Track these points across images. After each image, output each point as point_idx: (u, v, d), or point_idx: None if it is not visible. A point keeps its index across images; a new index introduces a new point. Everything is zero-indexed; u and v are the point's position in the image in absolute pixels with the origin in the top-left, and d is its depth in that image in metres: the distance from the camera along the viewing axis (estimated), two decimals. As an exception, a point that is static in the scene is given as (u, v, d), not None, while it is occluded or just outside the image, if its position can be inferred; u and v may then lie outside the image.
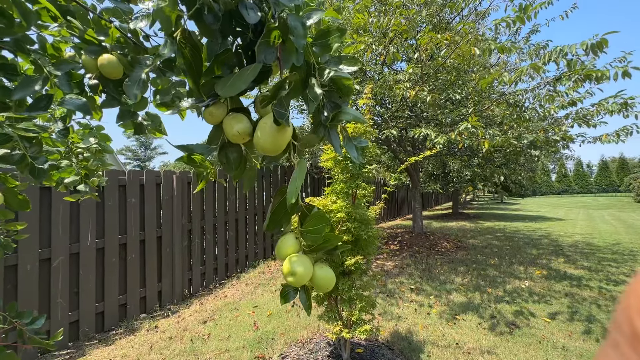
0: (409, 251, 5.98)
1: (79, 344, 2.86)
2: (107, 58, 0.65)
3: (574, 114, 3.97)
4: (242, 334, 2.97)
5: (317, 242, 0.58)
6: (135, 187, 3.48)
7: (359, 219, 2.28)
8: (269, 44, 0.48)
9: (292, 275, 0.56)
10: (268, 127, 0.53)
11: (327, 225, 0.55)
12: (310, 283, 0.60)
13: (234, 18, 0.49)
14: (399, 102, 4.91)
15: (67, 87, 0.56)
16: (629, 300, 0.24)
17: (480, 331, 2.97)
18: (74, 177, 1.28)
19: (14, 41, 0.56)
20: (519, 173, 10.95)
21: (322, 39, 0.56)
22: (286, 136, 0.55)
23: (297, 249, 0.60)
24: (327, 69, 0.55)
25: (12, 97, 0.52)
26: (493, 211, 15.86)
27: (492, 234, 8.24)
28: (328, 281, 0.61)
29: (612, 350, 0.24)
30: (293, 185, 0.50)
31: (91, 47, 0.64)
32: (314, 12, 0.53)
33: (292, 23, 0.47)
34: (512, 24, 3.42)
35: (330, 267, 0.62)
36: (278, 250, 0.61)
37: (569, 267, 4.99)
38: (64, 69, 0.56)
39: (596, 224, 10.66)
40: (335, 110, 0.55)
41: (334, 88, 0.56)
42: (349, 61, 0.58)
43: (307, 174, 6.72)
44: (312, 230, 0.57)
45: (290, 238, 0.61)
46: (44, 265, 2.78)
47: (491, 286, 4.15)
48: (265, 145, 0.54)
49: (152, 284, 3.55)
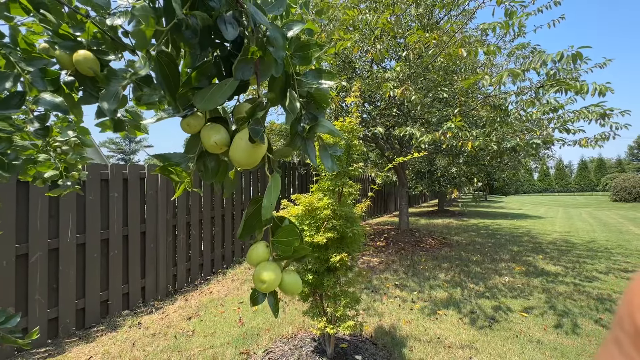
0: (394, 247, 6.07)
1: (58, 341, 2.80)
2: (83, 54, 0.63)
3: (556, 119, 4.10)
4: (227, 330, 2.97)
5: (286, 253, 0.60)
6: (118, 182, 3.40)
7: (345, 217, 2.30)
8: (247, 60, 0.49)
9: (262, 282, 0.59)
10: (243, 143, 0.53)
11: (298, 239, 0.57)
12: (279, 288, 0.64)
13: (213, 31, 0.49)
14: (387, 100, 4.95)
15: (41, 85, 0.55)
16: (631, 297, 0.24)
17: (461, 326, 3.06)
18: (52, 172, 1.25)
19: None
20: (503, 171, 11.23)
21: (302, 51, 0.56)
22: (261, 151, 0.56)
23: (267, 257, 0.63)
24: (306, 82, 0.55)
25: (-19, 94, 0.50)
26: (478, 209, 16.24)
27: (476, 231, 8.45)
28: (295, 287, 0.65)
29: (614, 347, 0.24)
30: (268, 200, 0.51)
31: (66, 42, 0.62)
32: (294, 24, 0.53)
33: (272, 34, 0.47)
34: (499, 28, 3.49)
35: (297, 273, 0.66)
36: (249, 257, 0.63)
37: (546, 264, 5.17)
38: (37, 65, 0.55)
39: (574, 222, 11.06)
40: (313, 122, 0.56)
41: (311, 100, 0.57)
42: (327, 75, 0.59)
43: (294, 171, 6.71)
44: (283, 241, 0.59)
45: (261, 246, 0.63)
46: (21, 261, 2.69)
47: (473, 282, 4.27)
48: (240, 160, 0.55)
49: (135, 280, 3.50)
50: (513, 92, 4.14)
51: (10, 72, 0.52)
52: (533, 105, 3.70)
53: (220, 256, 4.67)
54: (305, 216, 2.31)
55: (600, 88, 3.07)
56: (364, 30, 4.23)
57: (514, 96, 4.07)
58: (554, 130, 4.21)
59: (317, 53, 0.55)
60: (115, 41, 0.67)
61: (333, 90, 4.70)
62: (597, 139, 3.88)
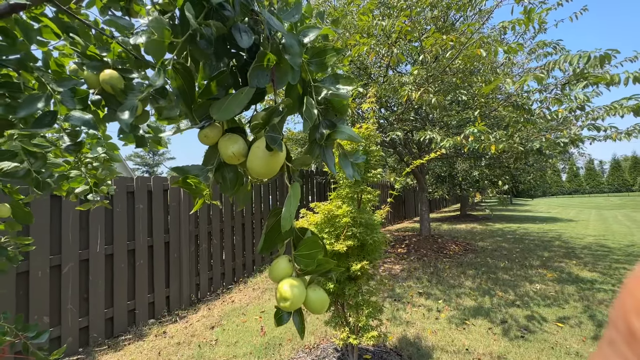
0: (416, 254, 5.92)
1: (88, 349, 2.89)
2: (109, 73, 0.66)
3: (584, 117, 3.90)
4: (249, 339, 2.97)
5: (310, 267, 0.57)
6: (143, 194, 3.52)
7: (365, 224, 2.27)
8: (263, 67, 0.48)
9: (286, 300, 0.56)
10: (260, 151, 0.52)
11: (321, 251, 0.54)
12: (303, 306, 0.60)
13: (228, 41, 0.49)
14: (404, 104, 4.89)
15: (71, 103, 0.57)
16: (624, 298, 0.24)
17: (491, 336, 2.91)
18: (83, 187, 1.30)
19: (17, 59, 0.57)
20: (529, 173, 10.77)
21: (319, 57, 0.55)
22: (279, 160, 0.55)
23: (290, 272, 0.60)
24: (324, 88, 0.54)
25: (17, 115, 0.53)
26: (502, 212, 15.63)
27: (502, 236, 8.12)
28: (321, 304, 0.61)
29: (608, 347, 0.24)
30: (287, 211, 0.49)
31: (93, 63, 0.65)
32: (310, 30, 0.52)
33: (288, 41, 0.47)
34: (518, 25, 3.39)
35: (323, 289, 0.62)
36: (271, 272, 0.61)
37: (581, 270, 4.87)
38: (66, 86, 0.57)
39: (609, 225, 10.41)
40: (331, 128, 0.54)
41: (329, 106, 0.56)
42: (345, 80, 0.57)
43: (312, 179, 6.72)
44: (305, 255, 0.56)
45: (284, 261, 0.60)
46: (55, 272, 2.82)
47: (501, 290, 4.08)
48: (258, 169, 0.54)
49: (160, 289, 3.58)
50: (536, 90, 3.98)
51: (42, 94, 0.55)
52: (559, 103, 3.54)
53: (241, 265, 4.72)
54: (324, 224, 2.30)
55: (635, 75, 2.87)
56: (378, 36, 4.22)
57: (537, 94, 3.92)
58: (583, 128, 4.00)
59: (334, 58, 0.54)
60: (139, 59, 0.70)
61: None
62: (630, 132, 3.65)
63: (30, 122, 0.60)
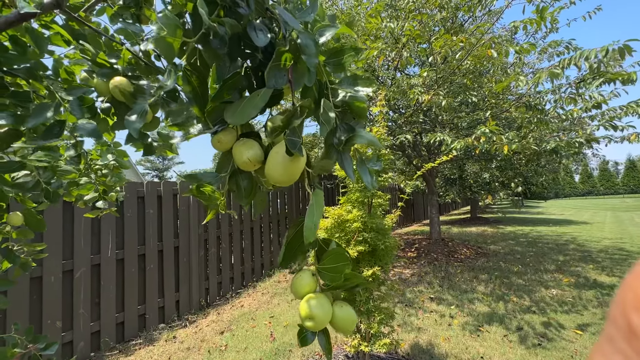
0: (427, 258, 5.83)
1: (100, 354, 2.90)
2: (119, 80, 0.65)
3: (600, 116, 3.79)
4: (259, 345, 2.95)
5: (336, 282, 0.53)
6: (153, 199, 3.54)
7: (376, 229, 2.23)
8: (280, 67, 0.46)
9: (311, 319, 0.51)
10: (280, 157, 0.49)
11: (348, 265, 0.50)
12: (329, 325, 0.55)
13: (242, 40, 0.47)
14: (412, 106, 4.84)
15: (79, 112, 0.56)
16: (623, 294, 0.24)
17: (507, 344, 2.83)
18: (92, 194, 1.31)
19: (27, 68, 0.56)
20: (541, 174, 10.54)
21: (335, 57, 0.53)
22: (300, 165, 0.51)
23: (314, 287, 0.56)
24: (341, 90, 0.51)
25: (26, 125, 0.52)
26: (514, 215, 15.33)
27: (515, 240, 7.94)
28: (349, 323, 0.56)
29: (607, 344, 0.24)
30: (310, 221, 0.46)
31: (103, 70, 0.64)
32: (327, 29, 0.50)
33: (304, 41, 0.44)
34: (529, 25, 3.32)
35: (350, 306, 0.56)
36: (294, 288, 0.56)
37: (599, 275, 4.72)
38: (75, 94, 0.56)
39: (626, 227, 10.11)
40: (349, 133, 0.51)
41: (347, 109, 0.53)
42: (364, 82, 0.54)
43: (320, 183, 6.70)
44: (330, 268, 0.52)
45: (307, 275, 0.56)
46: (67, 277, 2.85)
47: (516, 295, 3.97)
48: (277, 176, 0.51)
49: (170, 293, 3.59)
50: (549, 91, 3.89)
51: (51, 103, 0.53)
52: (574, 102, 3.44)
53: (250, 269, 4.71)
54: (334, 229, 2.27)
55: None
56: (386, 39, 4.19)
57: (550, 94, 3.82)
58: (599, 127, 3.89)
59: (352, 58, 0.52)
60: (149, 65, 0.69)
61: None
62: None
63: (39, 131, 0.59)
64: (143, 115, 0.44)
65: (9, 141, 0.57)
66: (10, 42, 0.58)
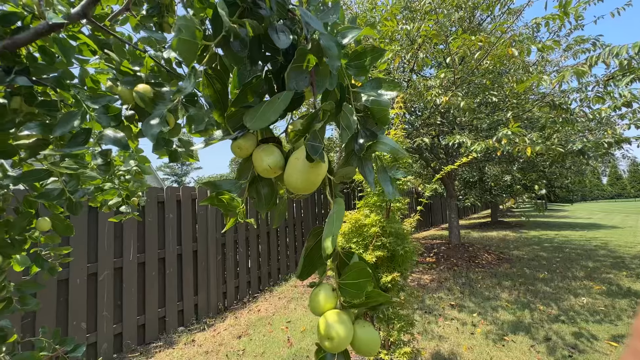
0: (446, 264, 5.67)
1: (122, 355, 2.97)
2: (142, 88, 0.65)
3: (630, 115, 3.59)
4: (276, 350, 2.93)
5: (357, 299, 0.48)
6: (172, 203, 3.62)
7: (395, 234, 2.18)
8: (301, 69, 0.44)
9: (330, 340, 0.47)
10: (300, 163, 0.47)
11: (371, 281, 0.45)
12: (350, 346, 0.50)
13: (263, 42, 0.46)
14: (430, 109, 4.75)
15: (105, 121, 0.57)
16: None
17: (534, 355, 2.69)
18: (116, 199, 1.34)
19: (55, 78, 0.57)
20: (566, 177, 10.11)
21: (358, 59, 0.51)
22: (321, 172, 0.49)
23: (333, 304, 0.51)
24: (364, 94, 0.49)
25: (53, 134, 0.53)
26: (537, 219, 14.74)
27: (539, 245, 7.62)
28: (372, 346, 0.50)
29: (632, 358, 0.24)
30: (330, 231, 0.43)
31: (127, 78, 0.65)
32: (349, 31, 0.48)
33: (326, 43, 0.43)
34: (552, 21, 3.21)
35: (372, 325, 0.52)
36: (312, 304, 0.52)
37: (633, 282, 4.44)
38: (101, 102, 0.57)
39: (662, 232, 9.52)
40: (371, 139, 0.49)
41: (369, 114, 0.50)
42: (388, 85, 0.51)
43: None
44: (352, 284, 0.47)
45: (326, 290, 0.52)
46: (91, 280, 2.94)
47: (543, 303, 3.79)
48: (297, 184, 0.48)
49: (189, 297, 3.64)
50: (575, 89, 3.73)
51: (78, 111, 0.54)
52: (602, 101, 3.28)
53: (266, 273, 4.72)
54: (352, 234, 2.23)
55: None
56: (401, 42, 4.15)
57: (576, 93, 3.66)
58: (629, 127, 3.69)
59: (374, 60, 0.50)
60: (171, 72, 0.69)
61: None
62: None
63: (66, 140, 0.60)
64: (162, 120, 0.44)
65: (38, 150, 0.58)
66: (39, 53, 0.59)
